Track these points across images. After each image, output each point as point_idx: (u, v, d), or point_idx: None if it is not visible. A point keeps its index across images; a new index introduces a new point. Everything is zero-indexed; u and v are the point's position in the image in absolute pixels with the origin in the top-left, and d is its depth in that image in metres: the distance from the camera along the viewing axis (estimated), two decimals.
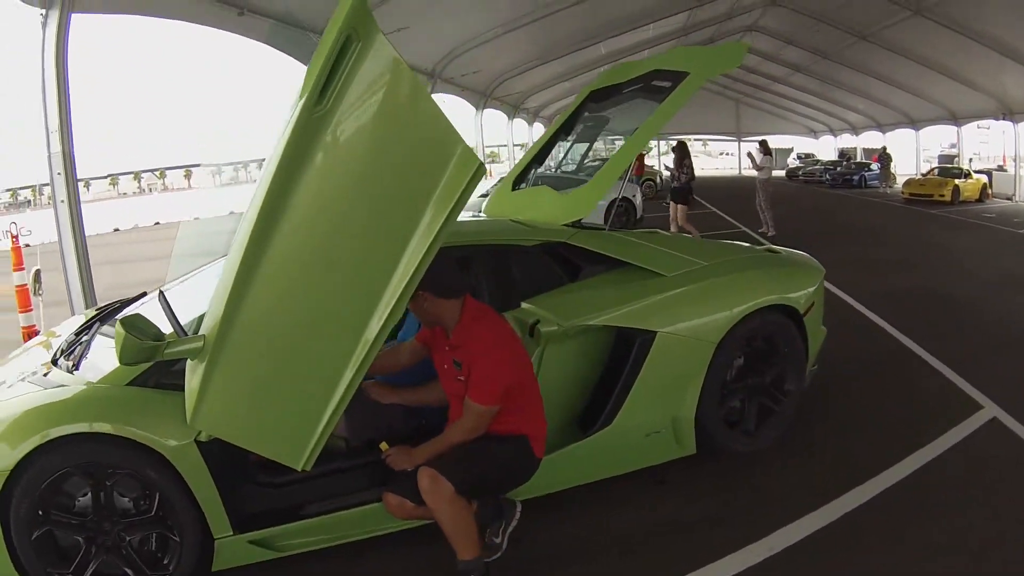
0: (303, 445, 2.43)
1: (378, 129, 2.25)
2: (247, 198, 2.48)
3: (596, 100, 4.47)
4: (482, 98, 18.86)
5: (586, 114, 4.54)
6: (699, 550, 2.92)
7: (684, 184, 10.39)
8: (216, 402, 2.48)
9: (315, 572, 2.91)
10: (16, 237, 6.01)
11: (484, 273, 3.36)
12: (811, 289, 3.85)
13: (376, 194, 2.30)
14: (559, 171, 5.40)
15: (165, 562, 2.71)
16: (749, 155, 13.28)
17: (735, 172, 39.22)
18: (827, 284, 7.44)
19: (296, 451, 2.45)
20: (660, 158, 24.27)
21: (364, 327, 2.31)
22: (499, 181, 6.91)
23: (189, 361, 2.57)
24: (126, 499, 2.68)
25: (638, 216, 12.98)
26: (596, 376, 3.40)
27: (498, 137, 25.96)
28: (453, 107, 17.43)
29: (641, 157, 20.32)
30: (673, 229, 10.56)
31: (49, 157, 5.58)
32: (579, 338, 3.27)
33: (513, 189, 4.50)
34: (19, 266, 5.76)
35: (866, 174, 25.58)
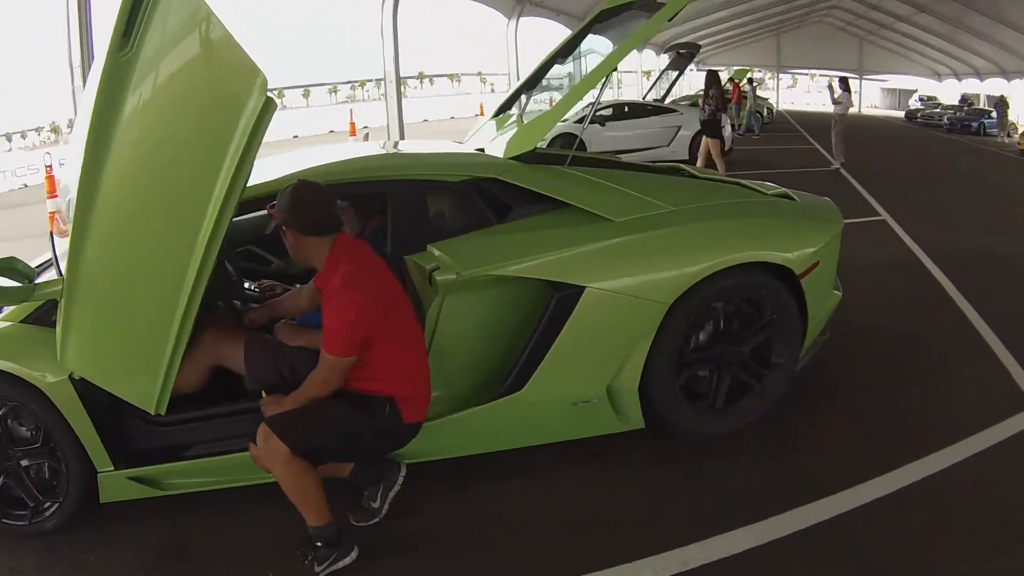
0: (152, 388, 2.37)
1: (179, 70, 2.14)
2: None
3: (603, 20, 3.90)
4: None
5: (590, 35, 3.97)
6: (600, 549, 2.53)
7: (711, 116, 9.69)
8: (74, 343, 2.46)
9: (195, 524, 2.85)
10: (50, 167, 6.39)
11: (396, 212, 3.01)
12: (815, 247, 3.23)
13: (184, 135, 2.20)
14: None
15: (57, 491, 2.78)
16: (829, 87, 12.92)
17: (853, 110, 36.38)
18: (899, 234, 6.97)
19: (147, 394, 2.39)
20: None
21: (184, 271, 2.19)
22: None
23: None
24: (24, 428, 2.76)
25: (727, 148, 11.99)
26: (516, 335, 2.96)
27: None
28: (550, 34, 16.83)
29: (736, 85, 18.78)
30: (700, 164, 9.93)
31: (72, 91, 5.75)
32: (492, 289, 2.86)
33: (494, 117, 4.08)
34: (53, 194, 6.14)
35: (985, 121, 24.71)
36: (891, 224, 7.62)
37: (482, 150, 3.54)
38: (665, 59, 24.96)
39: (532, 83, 4.15)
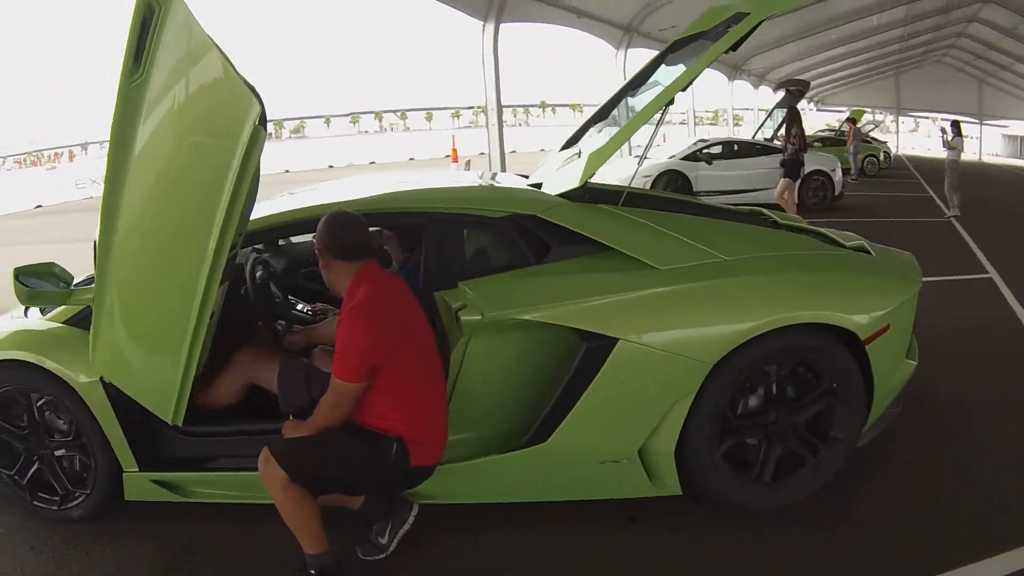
0: (168, 400, 2.43)
1: (184, 95, 2.22)
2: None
3: (675, 50, 3.73)
4: (733, 70, 19.60)
5: (663, 66, 3.79)
6: None
7: (793, 155, 9.19)
8: (102, 349, 2.57)
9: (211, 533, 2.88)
10: None
11: (432, 245, 2.91)
12: (885, 309, 2.87)
13: (189, 159, 2.29)
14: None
15: (86, 483, 2.90)
16: (941, 131, 11.94)
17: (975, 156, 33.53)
18: (1005, 295, 6.22)
19: (164, 405, 2.46)
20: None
21: (192, 291, 2.27)
22: None
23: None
24: (60, 421, 2.90)
25: (836, 193, 11.37)
26: (545, 383, 2.75)
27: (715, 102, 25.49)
28: (707, 79, 17.38)
29: (853, 125, 18.01)
30: (787, 207, 9.42)
31: None
32: (520, 333, 2.69)
33: (561, 150, 3.96)
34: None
35: None
36: (997, 283, 6.92)
37: (538, 185, 3.40)
38: (766, 91, 24.60)
39: (602, 115, 3.98)
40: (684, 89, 3.00)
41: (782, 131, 9.60)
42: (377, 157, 27.40)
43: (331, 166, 27.98)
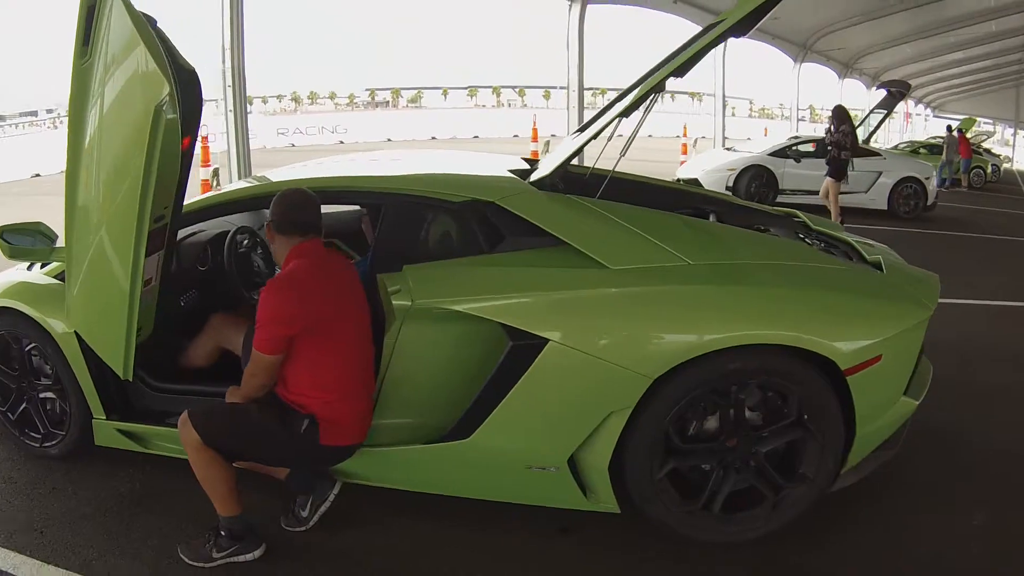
0: (118, 355, 2.62)
1: (113, 79, 2.37)
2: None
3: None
4: (844, 68, 20.70)
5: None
6: None
7: (837, 155, 8.85)
8: (72, 305, 2.78)
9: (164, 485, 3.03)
10: (206, 138, 7.38)
11: (387, 227, 2.87)
12: (876, 337, 2.50)
13: (123, 136, 2.41)
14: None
15: (63, 426, 3.16)
16: None
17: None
18: None
19: (116, 360, 2.64)
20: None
21: (127, 262, 2.45)
22: None
23: None
24: (47, 367, 3.15)
25: (929, 203, 10.55)
26: (473, 378, 2.60)
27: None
28: (815, 76, 19.61)
29: (963, 136, 16.76)
30: (830, 208, 9.12)
31: (224, 72, 6.40)
32: (454, 325, 2.57)
33: (574, 134, 3.80)
34: (206, 163, 7.22)
35: None
36: None
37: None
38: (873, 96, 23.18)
39: (620, 99, 3.70)
40: (680, 75, 2.72)
41: (832, 128, 9.06)
42: (482, 132, 27.38)
43: (434, 137, 28.45)
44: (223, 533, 2.51)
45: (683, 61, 2.69)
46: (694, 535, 2.61)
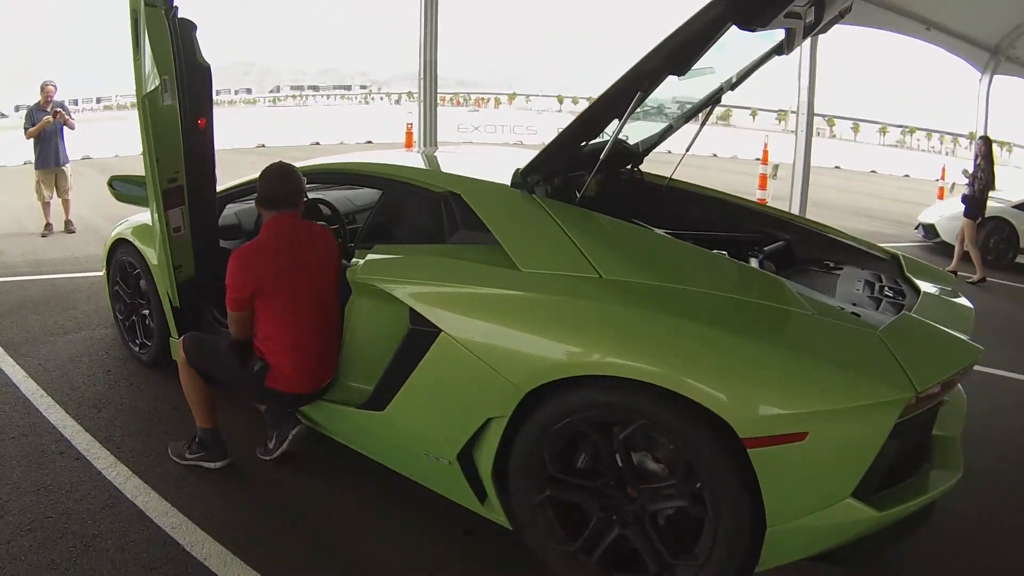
0: (165, 285, 3.44)
1: (144, 73, 3.01)
2: None
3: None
4: None
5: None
6: None
7: (981, 193, 7.76)
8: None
9: None
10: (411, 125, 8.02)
11: (378, 207, 3.20)
12: (799, 408, 1.95)
13: (141, 120, 3.04)
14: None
15: (152, 338, 3.95)
16: None
17: None
18: None
19: (170, 290, 3.43)
20: None
21: (158, 212, 3.20)
22: None
23: None
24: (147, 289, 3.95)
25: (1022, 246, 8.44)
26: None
27: None
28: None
29: None
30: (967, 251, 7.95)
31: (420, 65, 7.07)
32: (391, 304, 2.66)
33: None
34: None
35: None
36: None
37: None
38: None
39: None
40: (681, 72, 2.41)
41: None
42: (717, 150, 25.23)
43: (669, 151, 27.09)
44: (196, 440, 3.02)
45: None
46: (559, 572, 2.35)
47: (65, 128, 7.84)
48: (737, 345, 2.10)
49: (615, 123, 2.68)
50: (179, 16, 2.97)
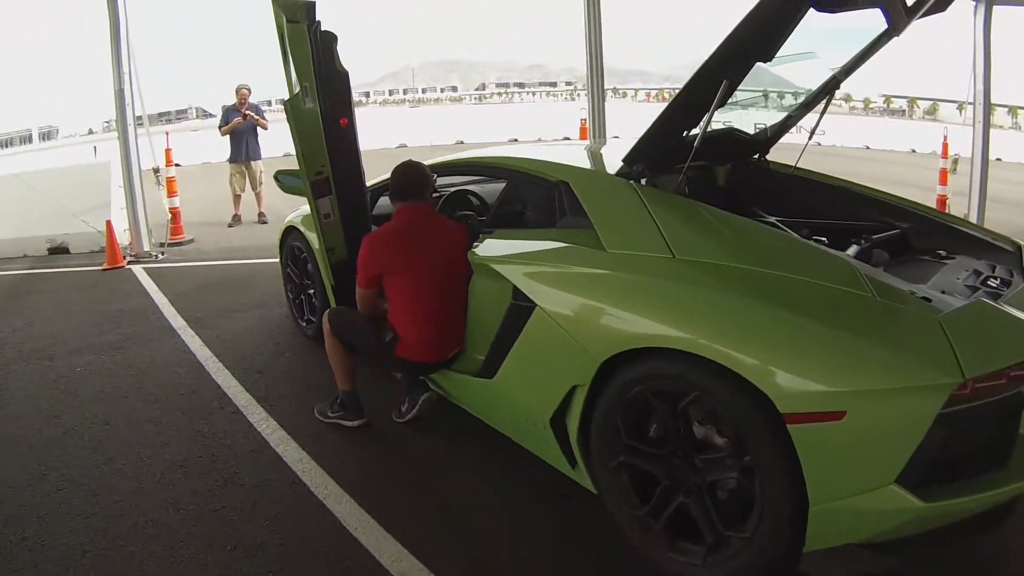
0: (323, 265, 3.94)
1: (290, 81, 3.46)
2: None
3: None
4: None
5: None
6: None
7: None
8: None
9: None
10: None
11: (504, 196, 3.45)
12: (839, 387, 1.94)
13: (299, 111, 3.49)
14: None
15: (316, 315, 4.43)
16: None
17: None
18: None
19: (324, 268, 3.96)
20: None
21: (308, 199, 3.66)
22: None
23: None
24: (309, 267, 4.46)
25: None
26: None
27: None
28: None
29: None
30: None
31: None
32: (503, 281, 2.89)
33: None
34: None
35: None
36: None
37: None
38: None
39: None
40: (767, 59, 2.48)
41: None
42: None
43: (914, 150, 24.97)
44: (338, 401, 3.41)
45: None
46: (643, 548, 2.41)
47: (259, 127, 8.86)
48: (783, 321, 2.13)
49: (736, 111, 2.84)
50: (322, 29, 3.39)
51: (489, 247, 3.07)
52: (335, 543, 2.49)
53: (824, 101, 3.30)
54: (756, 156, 3.63)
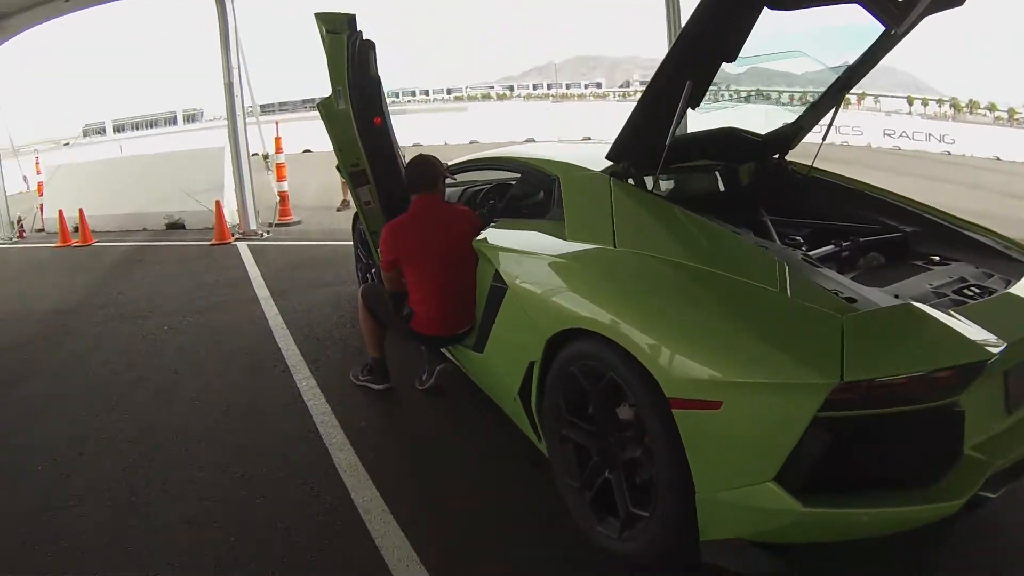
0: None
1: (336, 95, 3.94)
2: None
3: None
4: None
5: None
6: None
7: None
8: None
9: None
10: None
11: (515, 189, 3.75)
12: (717, 374, 2.01)
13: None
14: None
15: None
16: None
17: None
18: None
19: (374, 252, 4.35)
20: None
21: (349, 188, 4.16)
22: None
23: None
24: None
25: None
26: None
27: None
28: None
29: None
30: None
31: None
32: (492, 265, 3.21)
33: None
34: None
35: None
36: None
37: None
38: None
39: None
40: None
41: None
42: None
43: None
44: (368, 366, 3.88)
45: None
46: (577, 519, 2.56)
47: None
48: (680, 311, 2.27)
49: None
50: (363, 39, 3.84)
51: (490, 235, 3.38)
52: (323, 481, 2.93)
53: (836, 104, 3.32)
54: (775, 157, 3.68)
